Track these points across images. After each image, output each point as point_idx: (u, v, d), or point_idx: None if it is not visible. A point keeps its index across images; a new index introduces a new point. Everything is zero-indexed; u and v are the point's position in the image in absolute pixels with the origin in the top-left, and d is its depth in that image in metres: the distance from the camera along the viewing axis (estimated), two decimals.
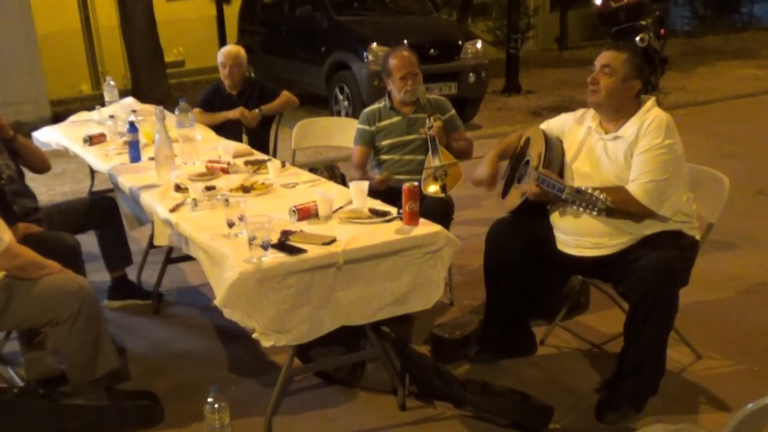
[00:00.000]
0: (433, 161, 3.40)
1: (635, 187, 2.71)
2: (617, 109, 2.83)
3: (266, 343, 2.44)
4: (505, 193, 3.14)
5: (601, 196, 2.55)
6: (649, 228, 2.75)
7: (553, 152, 2.89)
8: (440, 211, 3.28)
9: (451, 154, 3.47)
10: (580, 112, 3.03)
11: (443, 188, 3.33)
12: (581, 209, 2.61)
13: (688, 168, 2.88)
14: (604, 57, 2.84)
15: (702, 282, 2.98)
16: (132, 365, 3.20)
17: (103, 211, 3.62)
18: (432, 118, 3.47)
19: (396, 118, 3.68)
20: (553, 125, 3.09)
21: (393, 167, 3.67)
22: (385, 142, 3.69)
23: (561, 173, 2.87)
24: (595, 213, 2.57)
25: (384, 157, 3.71)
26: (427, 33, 8.21)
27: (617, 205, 2.60)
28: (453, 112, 3.77)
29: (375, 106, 3.76)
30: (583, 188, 2.60)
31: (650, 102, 2.84)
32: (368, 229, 2.65)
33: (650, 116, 2.77)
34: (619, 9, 8.73)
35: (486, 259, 3.07)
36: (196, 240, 2.67)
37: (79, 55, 11.97)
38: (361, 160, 3.72)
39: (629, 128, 2.79)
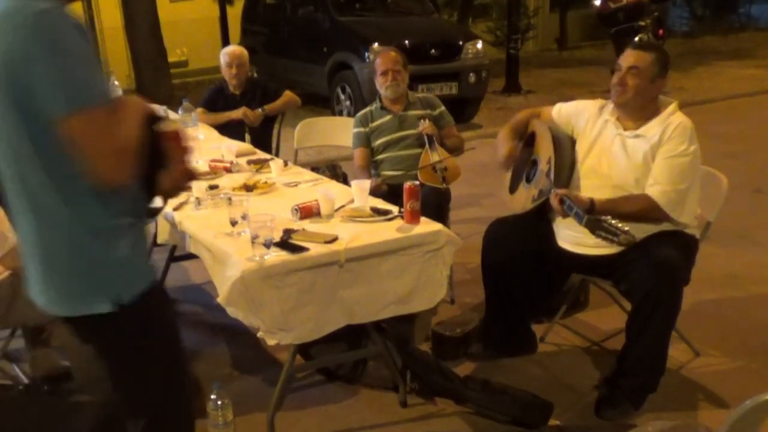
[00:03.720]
0: (432, 156, 3.52)
1: (659, 195, 2.68)
2: (643, 108, 2.82)
3: (271, 342, 2.44)
4: (513, 188, 3.10)
5: (625, 228, 2.43)
6: (653, 229, 2.76)
7: (564, 157, 2.84)
8: (436, 201, 3.37)
9: (446, 152, 3.59)
10: (599, 103, 2.98)
11: (444, 179, 3.45)
12: (599, 238, 2.50)
13: None
14: (631, 58, 2.80)
15: (700, 280, 2.98)
16: None
17: None
18: (424, 119, 3.64)
19: (387, 117, 3.77)
20: (564, 110, 3.03)
21: (390, 164, 3.72)
22: (379, 141, 3.76)
23: (570, 175, 2.86)
24: (615, 243, 2.47)
25: (380, 156, 3.76)
26: (428, 33, 8.23)
27: (643, 214, 2.57)
28: (443, 108, 3.86)
29: (366, 109, 3.88)
30: (603, 218, 2.49)
31: (673, 105, 2.83)
32: (370, 227, 2.67)
33: (675, 120, 2.76)
34: (618, 10, 8.77)
35: (483, 261, 3.08)
36: (199, 238, 2.69)
37: None
38: (364, 162, 3.75)
39: (652, 129, 2.77)
